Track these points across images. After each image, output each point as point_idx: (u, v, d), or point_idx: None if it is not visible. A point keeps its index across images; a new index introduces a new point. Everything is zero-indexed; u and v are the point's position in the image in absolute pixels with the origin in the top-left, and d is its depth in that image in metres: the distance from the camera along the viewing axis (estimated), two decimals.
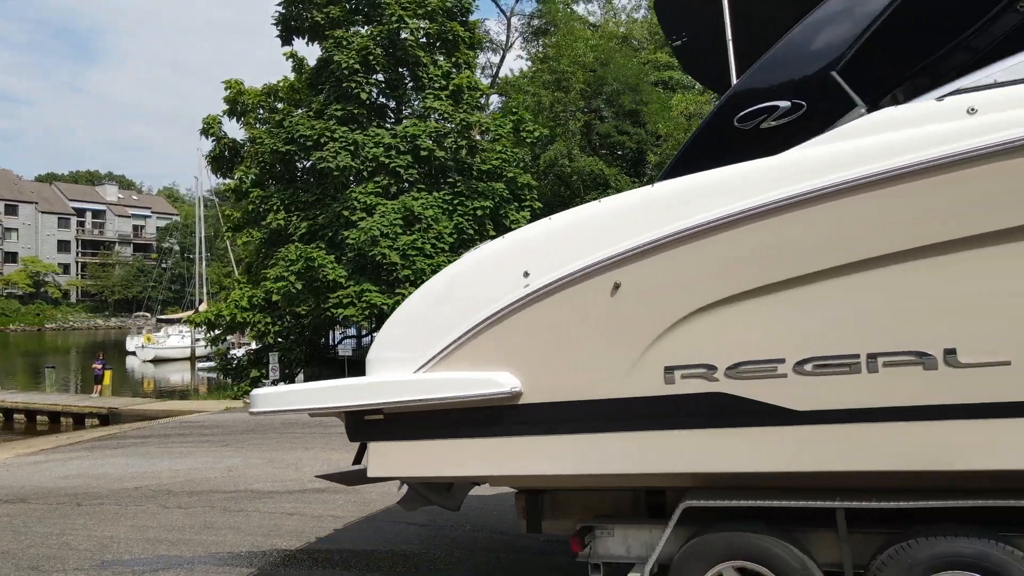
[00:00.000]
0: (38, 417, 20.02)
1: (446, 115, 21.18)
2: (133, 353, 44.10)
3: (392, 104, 23.04)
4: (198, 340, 35.08)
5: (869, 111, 3.00)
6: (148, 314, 60.25)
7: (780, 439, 2.94)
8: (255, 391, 4.10)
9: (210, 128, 23.12)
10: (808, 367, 2.88)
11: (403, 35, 20.79)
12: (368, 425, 3.63)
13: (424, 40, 21.65)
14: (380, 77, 21.95)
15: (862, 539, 3.04)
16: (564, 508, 3.73)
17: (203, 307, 36.53)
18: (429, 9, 21.44)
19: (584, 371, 3.21)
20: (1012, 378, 2.63)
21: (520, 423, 3.30)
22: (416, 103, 22.04)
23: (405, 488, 4.25)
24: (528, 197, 22.05)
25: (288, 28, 22.08)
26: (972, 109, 2.79)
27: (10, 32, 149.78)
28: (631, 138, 27.01)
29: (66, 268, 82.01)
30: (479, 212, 20.38)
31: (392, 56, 21.24)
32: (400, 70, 22.04)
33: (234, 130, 24.65)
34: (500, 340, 3.34)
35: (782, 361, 2.91)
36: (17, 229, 79.90)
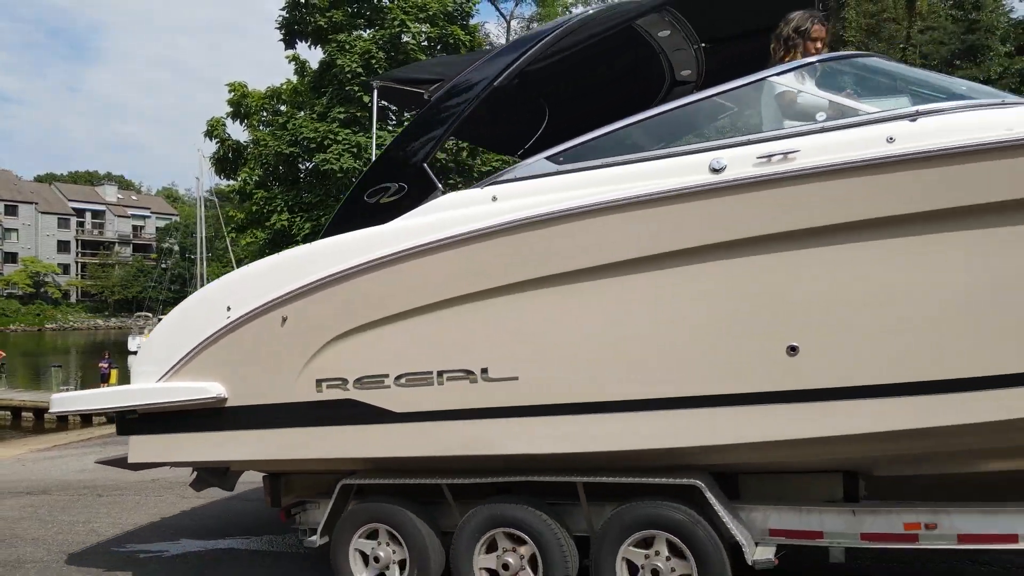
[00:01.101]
0: (45, 415, 20.31)
1: None
2: (135, 352, 44.27)
3: (394, 107, 23.37)
4: None
5: (444, 192, 4.08)
6: (150, 314, 60.47)
7: (387, 433, 3.96)
8: (54, 395, 5.32)
9: (214, 130, 23.43)
10: (403, 380, 3.91)
11: (405, 39, 21.11)
12: (129, 422, 4.72)
13: (425, 43, 21.98)
14: None
15: (462, 506, 4.10)
16: (293, 487, 4.81)
17: None
18: (430, 13, 21.79)
19: (266, 382, 4.21)
20: (521, 388, 3.66)
21: (226, 421, 4.33)
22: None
23: (195, 474, 5.21)
24: None
25: (291, 32, 22.42)
26: (495, 197, 3.84)
27: (4, 31, 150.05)
28: None
29: (66, 268, 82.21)
30: None
31: (394, 59, 21.56)
32: None
33: (237, 132, 25.17)
34: (212, 358, 4.34)
35: (387, 375, 3.93)
36: (17, 229, 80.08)
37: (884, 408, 3.09)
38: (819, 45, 3.83)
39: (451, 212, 3.86)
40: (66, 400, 5.89)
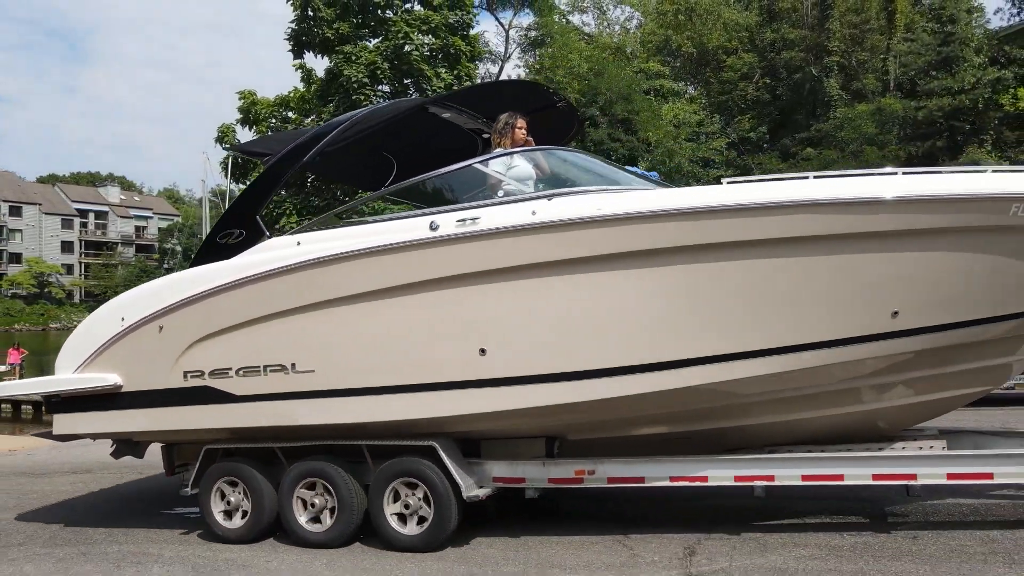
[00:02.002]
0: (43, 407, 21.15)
1: None
2: None
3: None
4: None
5: (269, 237, 5.38)
6: None
7: (231, 410, 5.24)
8: None
9: (225, 136, 24.47)
10: (241, 372, 5.19)
11: (408, 48, 22.11)
12: (53, 404, 5.92)
13: (428, 53, 22.99)
14: (386, 88, 23.30)
15: (290, 463, 5.31)
16: (181, 454, 6.03)
17: None
18: (433, 25, 22.80)
19: (150, 373, 5.44)
20: (317, 378, 4.98)
21: (122, 402, 5.57)
22: None
23: (113, 445, 6.40)
24: None
25: (300, 43, 23.42)
26: (299, 243, 5.19)
27: (3, 32, 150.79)
28: (623, 145, 28.31)
29: (69, 269, 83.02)
30: None
31: (397, 69, 22.59)
32: (405, 81, 23.38)
33: (247, 137, 26.08)
34: (111, 355, 5.58)
35: (231, 368, 5.21)
36: (21, 230, 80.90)
37: (546, 389, 4.57)
38: (520, 138, 5.32)
39: (272, 252, 5.19)
40: (4, 388, 7.95)
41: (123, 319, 5.53)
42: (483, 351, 4.61)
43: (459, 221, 4.65)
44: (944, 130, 24.06)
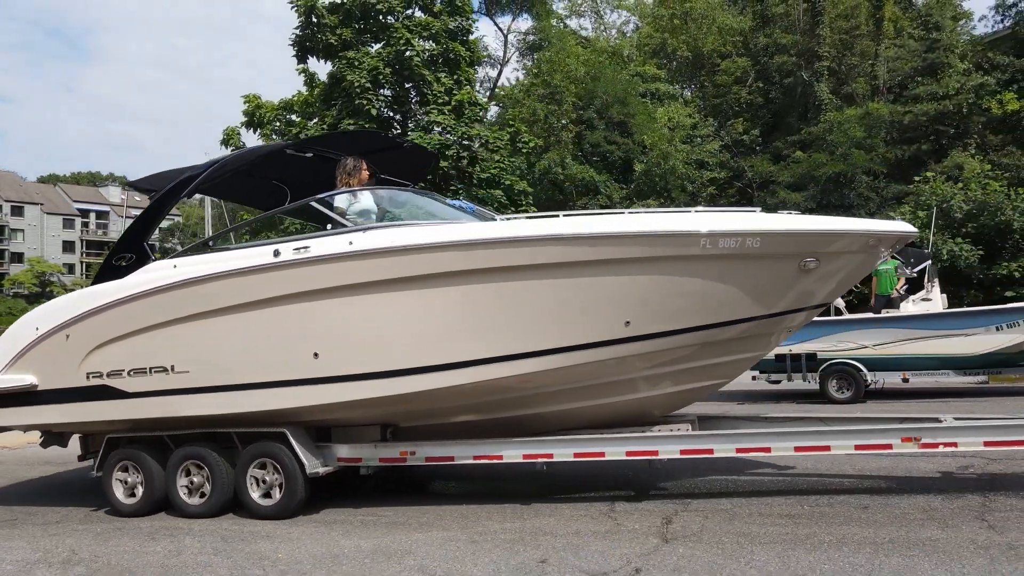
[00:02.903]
0: None
1: (448, 128, 23.12)
2: None
3: (398, 117, 24.96)
4: None
5: (155, 260, 6.27)
6: None
7: (126, 404, 6.08)
8: None
9: (230, 139, 24.99)
10: (132, 372, 6.04)
11: (409, 54, 22.66)
12: None
13: (428, 59, 23.55)
14: (387, 93, 23.87)
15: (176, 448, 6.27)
16: (96, 443, 6.67)
17: None
18: (433, 32, 23.37)
19: (60, 374, 6.24)
20: (192, 377, 5.89)
21: (39, 399, 6.36)
22: (421, 116, 23.93)
23: (42, 437, 7.14)
24: (524, 203, 24.01)
25: (304, 48, 23.96)
26: (175, 265, 6.07)
27: (1, 32, 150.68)
28: (619, 147, 28.90)
29: (71, 268, 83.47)
30: None
31: (399, 74, 23.15)
32: (406, 86, 23.95)
33: (252, 141, 26.65)
34: (28, 359, 6.39)
35: (124, 370, 6.05)
36: (23, 230, 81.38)
37: (365, 385, 5.51)
38: (364, 179, 6.21)
39: (155, 273, 6.08)
40: None
41: (37, 328, 6.39)
42: (316, 355, 5.60)
43: (295, 249, 5.62)
44: (930, 134, 24.65)
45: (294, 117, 25.19)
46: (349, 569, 4.55)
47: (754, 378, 11.96)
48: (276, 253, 5.63)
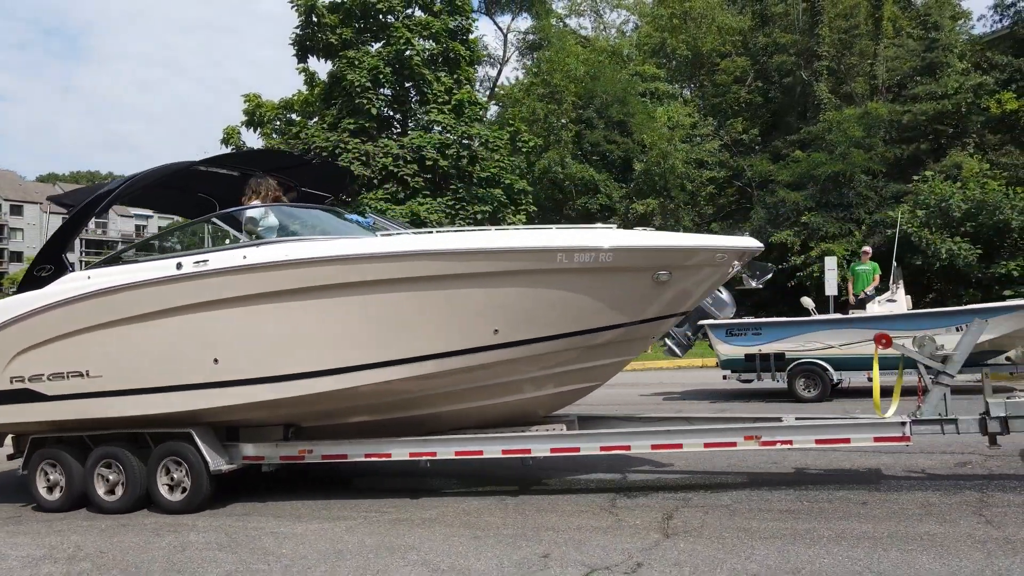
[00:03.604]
0: None
1: (448, 127, 23.15)
2: None
3: (398, 116, 24.99)
4: None
5: (72, 271, 6.51)
6: None
7: (46, 407, 6.36)
8: None
9: (230, 138, 25.02)
10: (51, 377, 6.31)
11: (409, 53, 22.69)
12: None
13: (428, 58, 23.58)
14: (387, 92, 23.91)
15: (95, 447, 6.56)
16: (23, 443, 6.87)
17: None
18: (433, 31, 23.39)
19: None
20: (105, 381, 6.18)
21: None
22: (421, 116, 23.96)
23: None
24: (524, 202, 24.07)
25: (304, 48, 23.98)
26: (89, 276, 6.31)
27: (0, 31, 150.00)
28: (619, 147, 28.95)
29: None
30: (479, 216, 22.37)
31: (399, 73, 23.19)
32: (406, 85, 23.99)
33: (252, 139, 26.66)
34: None
35: (43, 374, 6.33)
36: (22, 229, 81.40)
37: (259, 388, 5.86)
38: (271, 196, 6.57)
39: (71, 283, 6.33)
40: None
41: None
42: (216, 360, 5.94)
43: (195, 262, 5.94)
44: (928, 133, 24.69)
45: (294, 116, 25.24)
46: (353, 564, 4.59)
47: (725, 377, 12.06)
48: (179, 266, 6.00)
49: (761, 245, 6.14)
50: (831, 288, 19.30)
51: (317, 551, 4.90)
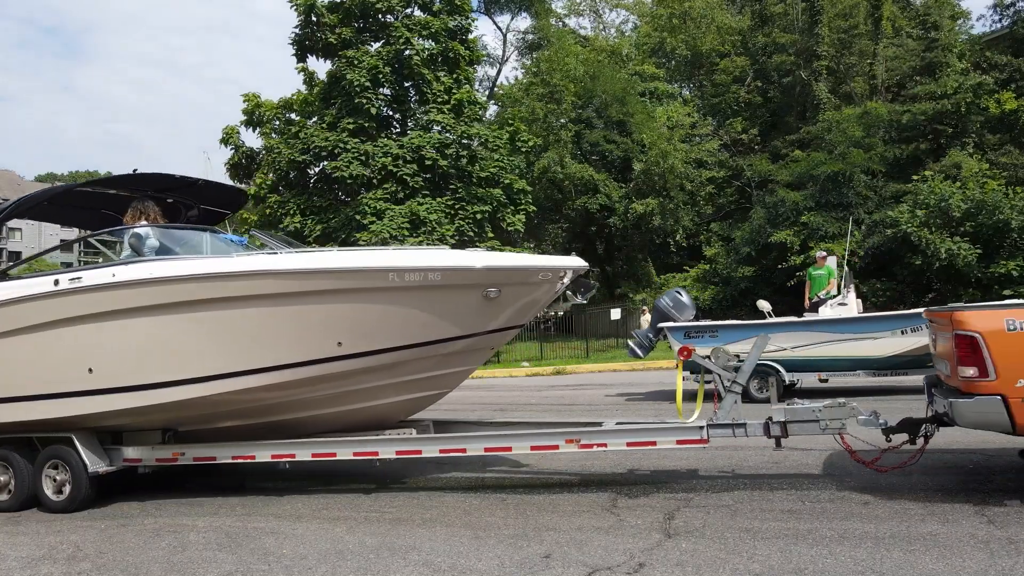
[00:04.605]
0: None
1: (448, 127, 23.12)
2: None
3: (398, 116, 24.96)
4: None
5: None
6: None
7: None
8: None
9: (229, 138, 24.99)
10: None
11: (408, 53, 22.66)
12: None
13: (428, 58, 23.54)
14: (387, 91, 23.88)
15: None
16: None
17: None
18: (433, 31, 23.37)
19: None
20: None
21: None
22: (421, 115, 23.92)
23: None
24: (523, 201, 24.04)
25: (303, 47, 23.95)
26: (57, 281, 6.40)
27: None
28: (618, 146, 28.92)
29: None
30: (478, 216, 22.35)
31: (398, 72, 23.15)
32: (405, 85, 23.96)
33: (251, 139, 26.77)
34: None
35: None
36: (21, 228, 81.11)
37: (129, 396, 6.24)
38: (152, 217, 6.96)
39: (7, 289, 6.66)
40: None
41: None
42: (91, 370, 6.31)
43: (70, 279, 6.32)
44: (928, 133, 24.67)
45: (293, 116, 25.20)
46: (354, 564, 4.58)
47: (683, 378, 12.12)
48: (56, 282, 6.37)
49: (585, 264, 6.57)
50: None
51: (318, 551, 4.89)
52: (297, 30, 23.59)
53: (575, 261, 6.50)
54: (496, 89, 36.46)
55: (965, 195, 20.45)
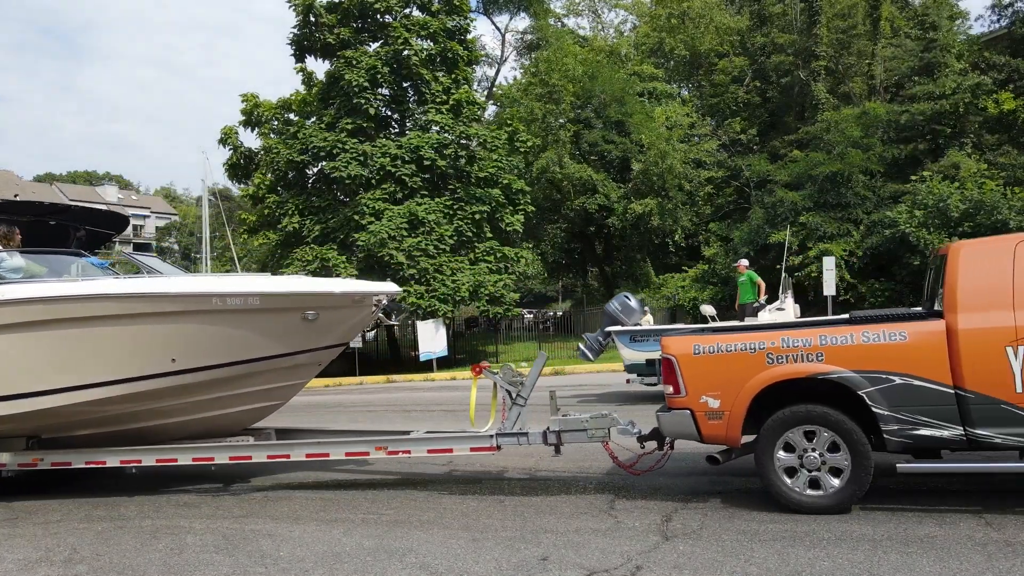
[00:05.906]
0: None
1: (447, 127, 23.11)
2: None
3: (396, 116, 24.95)
4: None
5: None
6: None
7: None
8: None
9: (227, 138, 24.99)
10: None
11: (407, 53, 22.65)
12: None
13: (426, 58, 23.53)
14: (385, 92, 23.87)
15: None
16: None
17: None
18: (431, 31, 23.36)
19: None
20: None
21: None
22: (419, 116, 23.92)
23: None
24: (522, 201, 24.03)
25: (302, 48, 23.94)
26: None
27: None
28: (617, 146, 28.89)
29: None
30: (477, 216, 22.34)
31: (397, 73, 23.15)
32: (404, 85, 23.95)
33: (249, 139, 26.64)
34: None
35: None
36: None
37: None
38: (15, 242, 7.32)
39: None
40: None
41: None
42: None
43: None
44: (926, 133, 24.66)
45: (292, 116, 25.19)
46: (351, 567, 4.58)
47: (628, 381, 12.15)
48: None
49: (398, 289, 7.21)
50: (829, 288, 19.32)
51: (315, 553, 4.88)
52: (295, 30, 23.59)
53: (387, 286, 7.15)
54: (495, 89, 36.46)
55: (963, 195, 20.44)
